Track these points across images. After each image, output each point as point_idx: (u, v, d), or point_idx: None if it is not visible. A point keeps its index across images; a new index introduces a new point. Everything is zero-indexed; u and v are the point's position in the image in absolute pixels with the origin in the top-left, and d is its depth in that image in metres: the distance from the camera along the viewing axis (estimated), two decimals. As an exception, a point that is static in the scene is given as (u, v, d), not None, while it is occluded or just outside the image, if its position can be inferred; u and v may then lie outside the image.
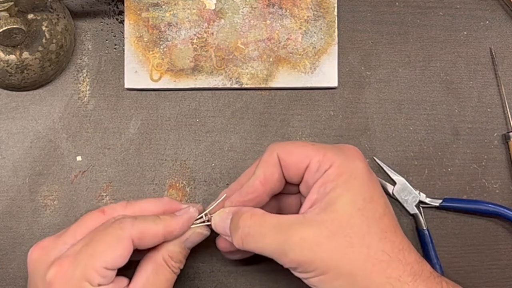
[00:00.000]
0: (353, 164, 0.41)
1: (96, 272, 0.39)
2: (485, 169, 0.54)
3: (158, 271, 0.43)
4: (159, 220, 0.43)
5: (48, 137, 0.52)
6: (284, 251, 0.39)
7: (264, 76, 0.53)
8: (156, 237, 0.42)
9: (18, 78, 0.50)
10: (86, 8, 0.53)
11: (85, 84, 0.53)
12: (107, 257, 0.40)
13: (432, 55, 0.54)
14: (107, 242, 0.40)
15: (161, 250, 0.43)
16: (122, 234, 0.41)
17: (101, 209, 0.44)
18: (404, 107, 0.54)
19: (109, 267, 0.40)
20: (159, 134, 0.53)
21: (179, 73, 0.52)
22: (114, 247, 0.40)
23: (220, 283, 0.52)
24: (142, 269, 0.43)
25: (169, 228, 0.43)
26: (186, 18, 0.53)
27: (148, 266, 0.43)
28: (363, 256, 0.39)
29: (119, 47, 0.53)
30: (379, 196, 0.41)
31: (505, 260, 0.53)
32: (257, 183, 0.43)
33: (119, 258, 0.40)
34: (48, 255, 0.42)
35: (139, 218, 0.42)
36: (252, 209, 0.42)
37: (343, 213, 0.39)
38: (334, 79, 0.53)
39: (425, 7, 0.55)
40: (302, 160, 0.41)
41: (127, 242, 0.41)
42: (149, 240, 0.42)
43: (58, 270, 0.40)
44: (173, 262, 0.43)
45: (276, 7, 0.53)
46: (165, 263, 0.43)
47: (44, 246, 0.43)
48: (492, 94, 0.54)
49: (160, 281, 0.43)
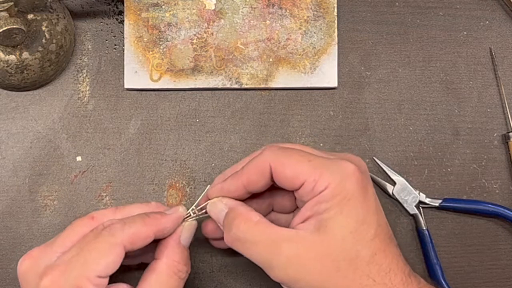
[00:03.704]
0: (348, 184, 0.40)
1: (88, 281, 0.39)
2: (485, 169, 0.54)
3: (161, 280, 0.42)
4: (148, 220, 0.42)
5: (48, 137, 0.52)
6: (271, 266, 0.40)
7: (264, 76, 0.53)
8: (147, 238, 0.42)
9: (18, 78, 0.50)
10: (86, 8, 0.53)
11: (85, 84, 0.53)
12: (100, 265, 0.39)
13: (432, 55, 0.54)
14: (99, 250, 0.40)
15: (162, 258, 0.43)
16: (113, 241, 0.40)
17: (90, 215, 0.44)
18: (404, 107, 0.54)
19: (102, 275, 0.39)
20: (159, 134, 0.53)
21: (179, 73, 0.52)
22: (106, 255, 0.40)
23: (220, 283, 0.52)
24: (146, 279, 0.42)
25: (159, 226, 0.42)
26: (186, 18, 0.53)
27: (151, 276, 0.42)
28: (348, 280, 0.39)
29: (119, 47, 0.53)
30: (373, 214, 0.41)
31: (505, 260, 0.53)
32: (240, 184, 0.43)
33: (111, 265, 0.40)
34: (38, 264, 0.41)
35: (128, 221, 0.42)
36: (248, 212, 0.42)
37: (334, 236, 0.39)
38: (334, 79, 0.53)
39: (425, 7, 0.55)
40: (296, 177, 0.41)
41: (118, 248, 0.40)
42: (141, 242, 0.42)
43: (50, 280, 0.39)
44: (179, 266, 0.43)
45: (276, 7, 0.53)
46: (170, 270, 0.42)
47: (33, 255, 0.42)
48: (492, 94, 0.54)
49: None
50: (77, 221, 0.43)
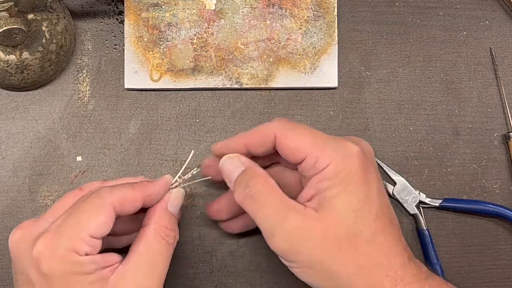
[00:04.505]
0: (351, 163, 0.41)
1: (82, 241, 0.39)
2: (485, 169, 0.54)
3: (149, 245, 0.42)
4: (136, 186, 0.42)
5: (48, 137, 0.52)
6: (273, 233, 0.40)
7: (264, 76, 0.53)
8: (135, 201, 0.42)
9: (18, 78, 0.50)
10: (86, 8, 0.53)
11: (85, 84, 0.53)
12: (91, 224, 0.39)
13: (432, 55, 0.54)
14: (89, 211, 0.40)
15: (149, 224, 0.43)
16: (103, 202, 0.40)
17: (79, 188, 0.44)
18: (404, 107, 0.54)
19: (94, 235, 0.39)
20: (159, 134, 0.53)
21: (179, 73, 0.52)
22: (96, 214, 0.40)
23: (220, 283, 0.52)
24: (134, 246, 0.42)
25: (146, 192, 0.43)
26: (186, 18, 0.53)
27: (140, 242, 0.42)
28: (348, 258, 0.39)
29: (119, 47, 0.53)
30: (375, 196, 0.41)
31: (505, 260, 0.53)
32: (241, 142, 0.44)
33: (103, 225, 0.40)
34: (31, 233, 0.41)
35: (116, 186, 0.42)
36: (267, 175, 0.42)
37: (337, 214, 0.40)
38: (334, 79, 0.53)
39: (425, 7, 0.55)
40: (299, 150, 0.41)
41: (108, 208, 0.40)
42: (130, 205, 0.42)
43: (43, 245, 0.39)
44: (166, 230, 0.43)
45: (276, 7, 0.53)
46: (157, 235, 0.42)
47: (25, 226, 0.42)
48: (492, 94, 0.54)
49: (153, 255, 0.42)
50: (66, 194, 0.44)
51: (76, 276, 0.39)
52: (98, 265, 0.40)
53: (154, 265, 0.41)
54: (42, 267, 0.39)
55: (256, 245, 0.52)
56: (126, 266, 0.41)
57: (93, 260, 0.39)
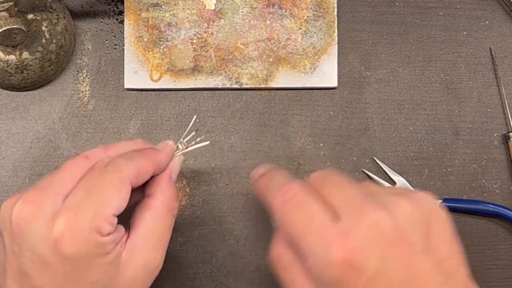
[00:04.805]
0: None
1: (105, 220, 0.37)
2: (485, 169, 0.54)
3: (157, 218, 0.40)
4: (146, 155, 0.41)
5: (48, 137, 0.52)
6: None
7: (264, 76, 0.53)
8: (148, 172, 0.40)
9: (18, 78, 0.50)
10: (86, 8, 0.53)
11: (85, 84, 0.53)
12: (114, 202, 0.37)
13: (432, 55, 0.54)
14: (110, 187, 0.38)
15: (156, 195, 0.41)
16: (121, 176, 0.38)
17: (83, 155, 0.41)
18: (404, 107, 0.54)
19: (116, 212, 0.38)
20: (159, 134, 0.53)
21: (179, 73, 0.52)
22: (118, 191, 0.38)
23: (220, 283, 0.52)
24: (141, 218, 0.40)
25: (156, 160, 0.41)
26: (186, 18, 0.53)
27: (147, 214, 0.40)
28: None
29: (119, 47, 0.53)
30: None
31: (505, 260, 0.53)
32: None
33: (123, 202, 0.38)
34: (43, 210, 0.37)
35: (127, 157, 0.40)
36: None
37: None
38: (334, 79, 0.53)
39: (425, 7, 0.55)
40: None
41: (127, 183, 0.38)
42: (143, 177, 0.40)
43: (64, 225, 0.36)
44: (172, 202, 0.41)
45: (276, 7, 0.53)
46: (165, 207, 0.41)
47: (33, 200, 0.38)
48: (492, 94, 0.54)
49: (162, 228, 0.40)
50: (70, 161, 0.40)
51: (97, 257, 0.37)
52: (115, 243, 0.38)
53: (162, 238, 0.41)
54: (62, 249, 0.36)
55: (256, 245, 0.52)
56: (135, 240, 0.39)
57: (113, 238, 0.38)
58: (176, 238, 0.52)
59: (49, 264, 0.37)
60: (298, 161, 0.53)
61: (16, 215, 0.38)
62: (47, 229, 0.37)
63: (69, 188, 0.38)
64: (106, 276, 0.38)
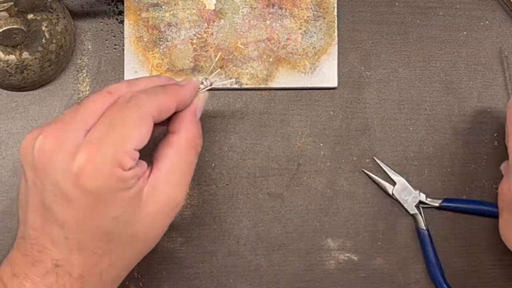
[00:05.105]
0: None
1: (127, 155, 0.37)
2: (485, 169, 0.54)
3: (181, 154, 0.40)
4: (169, 91, 0.40)
5: (48, 137, 0.52)
6: None
7: (264, 76, 0.53)
8: (171, 108, 0.40)
9: (18, 78, 0.50)
10: (86, 8, 0.53)
11: (85, 84, 0.53)
12: (134, 137, 0.37)
13: (432, 55, 0.54)
14: (131, 122, 0.37)
15: (180, 132, 0.41)
16: (142, 112, 0.38)
17: (106, 90, 0.40)
18: (404, 107, 0.54)
19: (138, 147, 0.38)
20: (159, 134, 0.53)
21: (179, 73, 0.52)
22: (138, 126, 0.38)
23: (220, 283, 0.52)
24: (164, 154, 0.40)
25: (180, 97, 0.41)
26: (186, 18, 0.53)
27: (170, 150, 0.40)
28: None
29: (119, 47, 0.53)
30: None
31: (505, 260, 0.53)
32: None
33: (144, 137, 0.38)
34: (65, 144, 0.37)
35: (151, 92, 0.40)
36: None
37: None
38: (334, 79, 0.53)
39: (425, 7, 0.55)
40: None
41: (148, 118, 0.38)
42: (166, 112, 0.40)
43: (86, 159, 0.36)
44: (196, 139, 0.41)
45: (276, 7, 0.53)
46: (189, 144, 0.41)
47: (56, 135, 0.38)
48: (492, 94, 0.54)
49: (185, 165, 0.40)
50: (92, 96, 0.40)
51: (119, 192, 0.37)
52: (136, 178, 0.38)
53: (185, 174, 0.41)
54: (84, 183, 0.36)
55: (256, 245, 0.52)
56: (158, 175, 0.39)
57: (134, 173, 0.37)
58: (176, 238, 0.52)
59: (71, 199, 0.37)
60: (298, 161, 0.53)
61: (38, 148, 0.38)
62: (69, 164, 0.37)
63: (91, 123, 0.38)
64: (128, 211, 0.38)
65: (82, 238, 0.38)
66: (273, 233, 0.53)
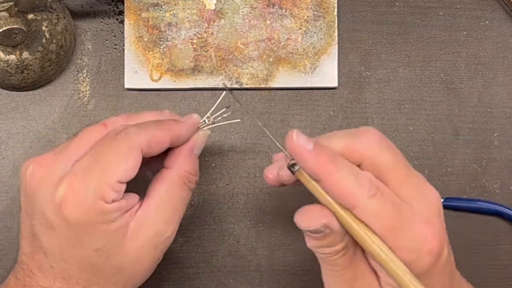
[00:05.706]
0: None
1: (110, 188, 0.36)
2: (485, 169, 0.54)
3: (172, 190, 0.40)
4: (164, 126, 0.40)
5: (48, 137, 0.52)
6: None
7: (264, 76, 0.53)
8: (163, 143, 0.39)
9: (18, 78, 0.50)
10: (86, 8, 0.53)
11: (85, 84, 0.53)
12: (119, 170, 0.37)
13: (432, 55, 0.54)
14: (117, 154, 0.37)
15: (173, 168, 0.40)
16: (131, 144, 0.38)
17: (102, 123, 0.41)
18: (404, 107, 0.54)
19: (122, 180, 0.37)
20: (159, 134, 0.53)
21: (179, 73, 0.52)
22: (124, 159, 0.37)
23: (220, 283, 0.52)
24: (155, 189, 0.40)
25: (174, 132, 0.40)
26: (186, 18, 0.53)
27: (162, 185, 0.40)
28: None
29: (119, 47, 0.53)
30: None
31: (505, 260, 0.53)
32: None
33: (131, 170, 0.37)
34: (52, 173, 0.38)
35: (142, 126, 0.39)
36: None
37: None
38: (334, 79, 0.53)
39: (425, 7, 0.55)
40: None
41: (136, 151, 0.38)
42: (157, 147, 0.39)
43: (68, 190, 0.36)
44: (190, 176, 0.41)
45: (276, 7, 0.53)
46: (181, 180, 0.40)
47: (45, 163, 0.38)
48: (492, 94, 0.54)
49: (176, 201, 0.40)
50: (88, 128, 0.40)
51: (100, 225, 0.37)
52: (121, 211, 0.37)
53: (176, 210, 0.40)
54: (66, 213, 0.36)
55: (256, 245, 0.52)
56: (146, 211, 0.39)
57: (118, 206, 0.37)
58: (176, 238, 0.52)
59: (54, 228, 0.37)
60: (298, 161, 0.53)
61: (29, 176, 0.38)
62: (53, 193, 0.37)
63: (82, 154, 0.39)
64: (111, 243, 0.38)
65: (66, 268, 0.38)
66: (273, 233, 0.53)
